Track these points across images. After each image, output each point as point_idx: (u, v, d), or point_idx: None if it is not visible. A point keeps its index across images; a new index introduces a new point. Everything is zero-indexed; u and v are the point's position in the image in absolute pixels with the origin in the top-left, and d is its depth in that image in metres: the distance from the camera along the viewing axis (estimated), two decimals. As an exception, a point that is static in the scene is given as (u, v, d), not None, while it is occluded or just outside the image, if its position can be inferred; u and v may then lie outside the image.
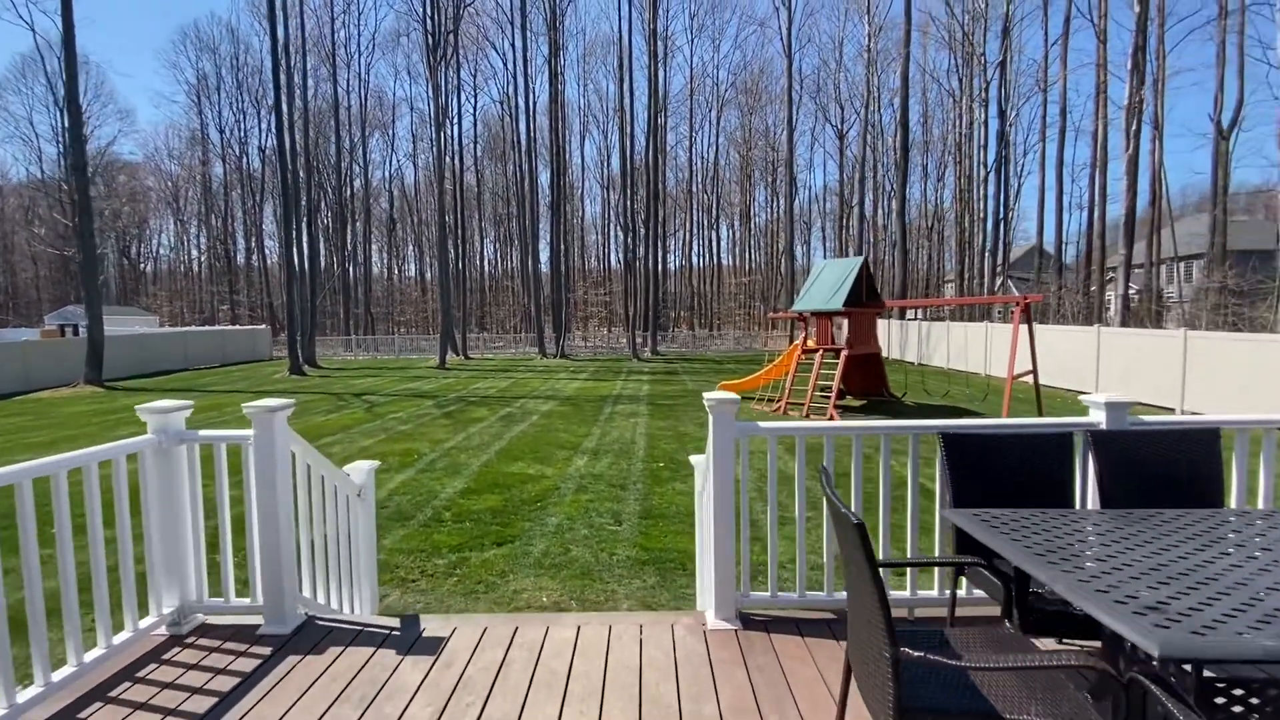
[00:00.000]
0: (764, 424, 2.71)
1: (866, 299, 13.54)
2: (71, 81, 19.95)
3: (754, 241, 52.72)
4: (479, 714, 2.18)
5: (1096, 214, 32.30)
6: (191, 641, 2.73)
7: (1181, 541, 1.78)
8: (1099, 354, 15.57)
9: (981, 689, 1.56)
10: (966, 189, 33.46)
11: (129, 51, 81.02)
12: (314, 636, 2.75)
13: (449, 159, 35.75)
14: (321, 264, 48.96)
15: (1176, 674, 1.48)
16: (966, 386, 16.00)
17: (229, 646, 2.67)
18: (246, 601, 2.84)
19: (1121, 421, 2.71)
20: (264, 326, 35.08)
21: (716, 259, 50.81)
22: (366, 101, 43.34)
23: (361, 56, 42.84)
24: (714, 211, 50.11)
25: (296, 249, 25.90)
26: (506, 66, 38.11)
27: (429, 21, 27.23)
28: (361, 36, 48.34)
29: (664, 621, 2.80)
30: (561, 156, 32.72)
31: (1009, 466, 2.56)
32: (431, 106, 30.48)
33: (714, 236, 50.98)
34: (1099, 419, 2.74)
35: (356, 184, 44.99)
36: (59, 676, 2.25)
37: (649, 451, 9.50)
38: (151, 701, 2.28)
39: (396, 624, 2.88)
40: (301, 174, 29.52)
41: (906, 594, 2.80)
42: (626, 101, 32.72)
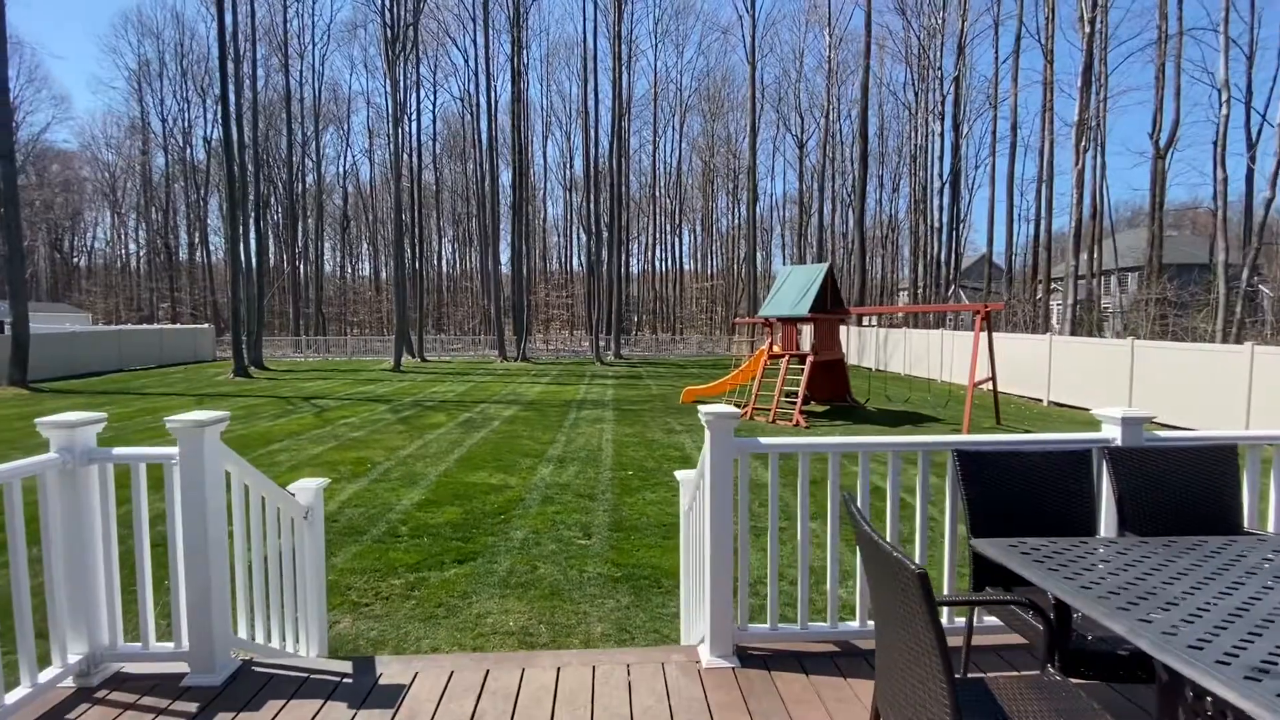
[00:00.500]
0: (765, 439, 2.47)
1: (831, 306, 13.58)
2: (0, 64, 18.47)
3: (715, 246, 53.08)
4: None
5: (1043, 227, 33.57)
6: (103, 696, 2.32)
7: (1246, 576, 1.61)
8: (1051, 361, 16.01)
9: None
10: (922, 200, 34.35)
11: (66, 34, 76.41)
12: (250, 687, 2.38)
13: (407, 156, 34.75)
14: (270, 261, 47.00)
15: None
16: (928, 393, 16.25)
17: (147, 701, 2.28)
18: (170, 646, 2.44)
19: (1137, 437, 2.58)
20: (207, 326, 33.34)
21: (679, 263, 50.96)
22: (320, 94, 41.88)
23: (316, 48, 41.39)
24: (677, 216, 50.22)
25: (243, 245, 24.68)
26: (468, 63, 37.38)
27: (387, 14, 26.39)
28: (316, 27, 46.86)
29: (653, 660, 2.53)
30: (524, 157, 32.18)
31: (1027, 485, 2.39)
32: (389, 102, 29.56)
33: (676, 241, 51.11)
34: (1114, 435, 2.60)
35: (309, 179, 43.35)
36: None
37: (616, 459, 9.21)
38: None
39: (348, 669, 2.52)
40: (250, 167, 28.18)
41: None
42: (590, 104, 32.46)
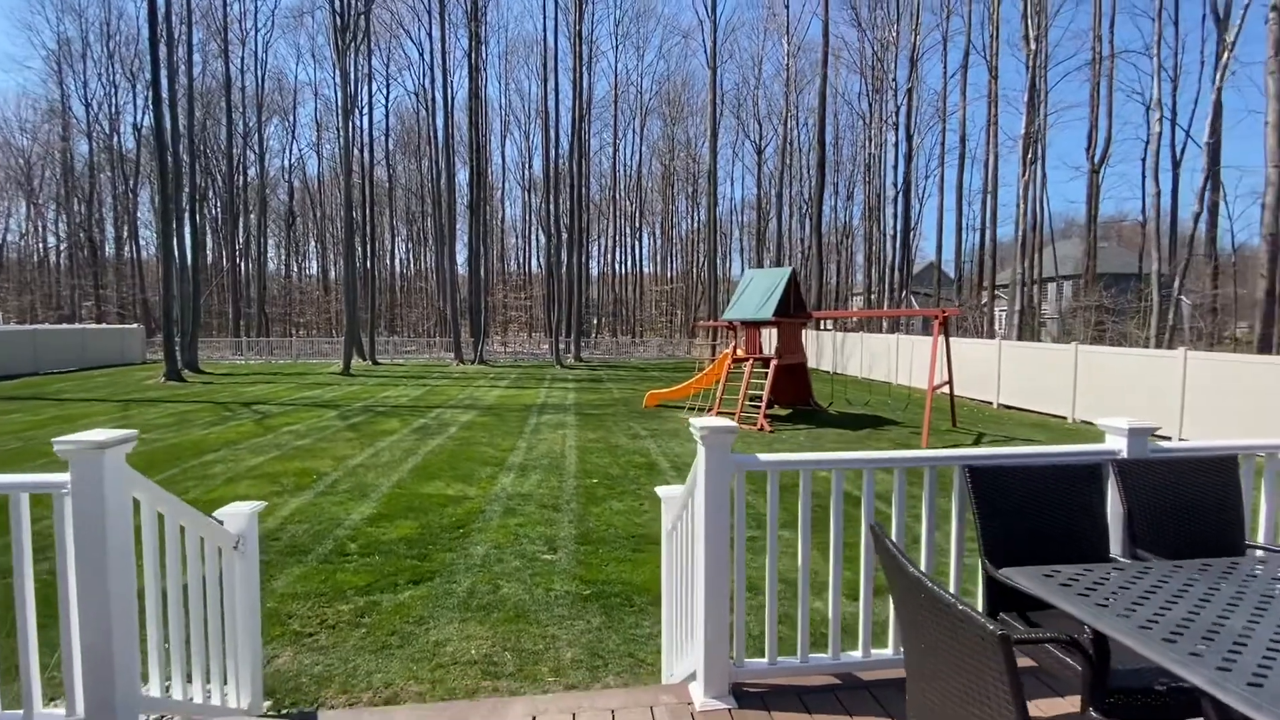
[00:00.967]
0: (764, 456, 2.24)
1: (794, 310, 13.59)
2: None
3: (675, 250, 53.20)
4: None
5: (988, 236, 34.83)
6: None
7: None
8: (1000, 365, 16.44)
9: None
10: (876, 207, 35.17)
11: (-25, 10, 70.83)
12: (162, 756, 2.00)
13: (357, 151, 33.51)
14: (208, 258, 44.67)
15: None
16: (888, 397, 16.48)
17: (30, 780, 1.88)
18: (60, 713, 2.04)
19: (1143, 449, 2.46)
20: (136, 326, 31.34)
21: (639, 266, 50.84)
22: (264, 83, 40.01)
23: (259, 34, 39.50)
24: (637, 219, 50.12)
25: (177, 240, 23.24)
26: (423, 57, 36.31)
27: (337, 1, 25.35)
28: (259, 12, 44.76)
29: (641, 702, 2.26)
30: (481, 155, 31.45)
31: (1040, 501, 2.23)
32: (339, 94, 28.41)
33: (637, 244, 50.98)
34: (1119, 446, 2.47)
35: (251, 173, 41.42)
36: None
37: (580, 466, 8.90)
38: None
39: (285, 726, 2.17)
40: (185, 158, 26.62)
41: (889, 651, 2.40)
42: (550, 103, 31.99)
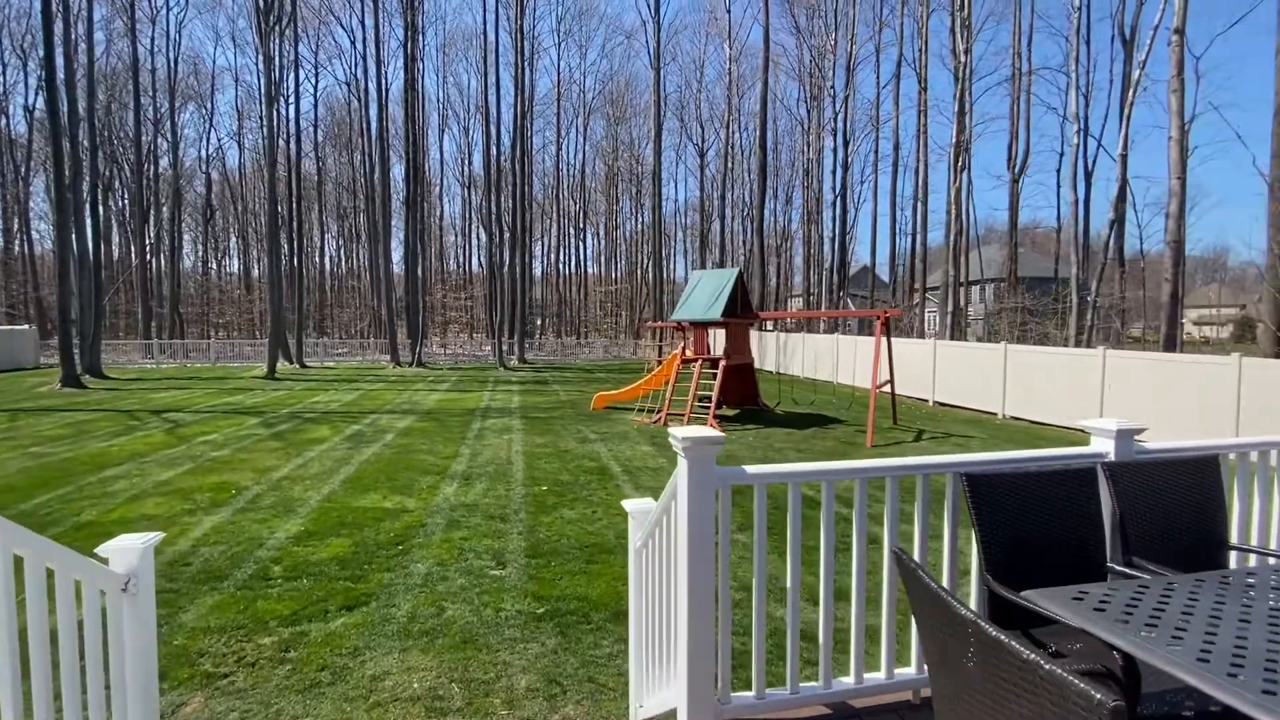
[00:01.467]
0: (750, 468, 2.01)
1: (741, 310, 13.60)
2: None
3: (619, 250, 53.02)
4: None
5: (918, 240, 36.34)
6: None
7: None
8: (935, 364, 17.02)
9: None
10: (815, 211, 36.05)
11: None
12: None
13: (284, 142, 31.73)
14: (115, 254, 41.34)
15: None
16: (831, 396, 16.76)
17: None
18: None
19: (1130, 450, 2.38)
20: (28, 327, 28.55)
21: (583, 266, 50.37)
22: (177, 66, 37.35)
23: (171, 13, 36.85)
24: (580, 219, 49.63)
25: (76, 233, 21.24)
26: (355, 45, 34.72)
27: (260, -18, 23.81)
28: (173, -9, 41.68)
29: (615, 751, 2.00)
30: (418, 149, 30.30)
31: (1039, 509, 2.11)
32: (262, 80, 26.78)
33: (580, 244, 50.50)
34: (1106, 449, 2.38)
35: (164, 162, 38.55)
36: None
37: (528, 473, 8.52)
38: None
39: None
40: (85, 143, 24.41)
41: (882, 676, 2.23)
42: (491, 98, 31.17)
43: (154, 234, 38.69)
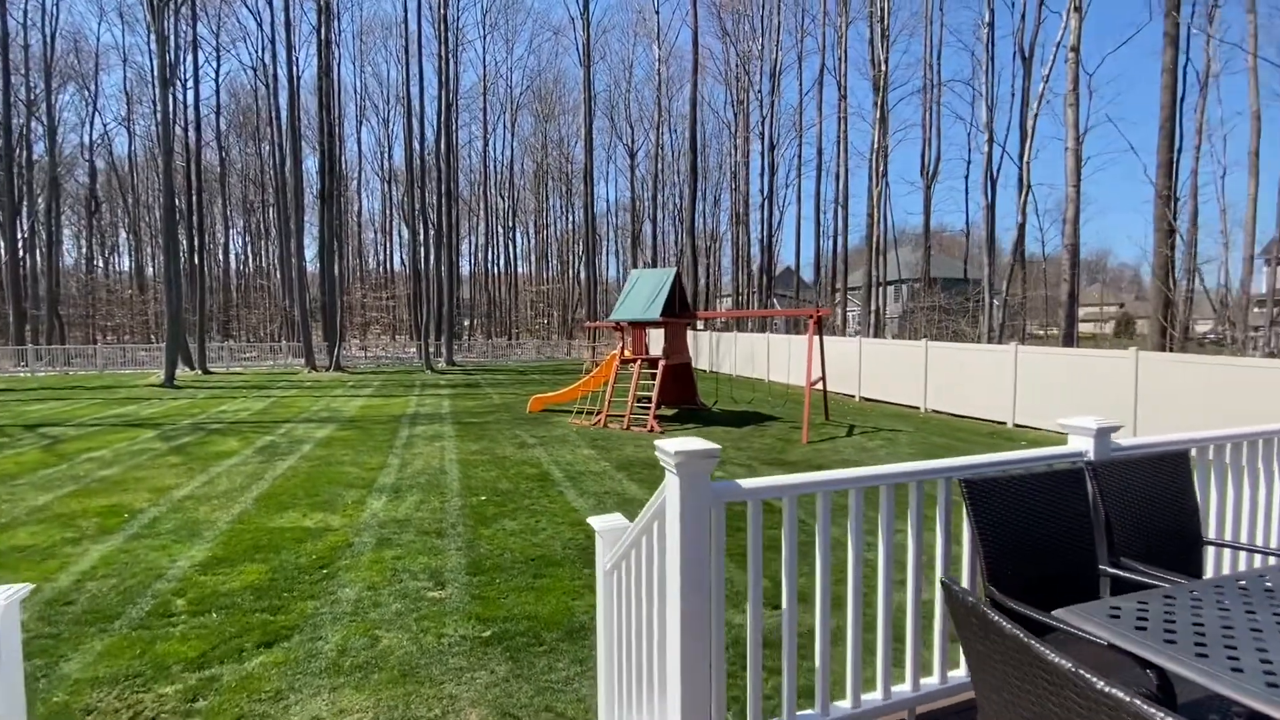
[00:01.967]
0: (745, 482, 1.83)
1: (679, 310, 13.56)
2: None
3: (551, 250, 52.25)
4: None
5: (839, 243, 37.79)
6: None
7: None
8: (861, 361, 17.63)
9: None
10: (743, 213, 36.77)
11: None
12: None
13: (181, 129, 29.22)
14: (-22, 249, 36.85)
15: None
16: (766, 394, 17.03)
17: None
18: None
19: (1107, 449, 2.36)
20: None
21: (513, 266, 49.26)
22: (54, 42, 33.65)
23: (46, -15, 33.17)
24: (509, 217, 48.52)
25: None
26: (261, 28, 32.40)
27: (150, -47, 21.74)
28: (47, -40, 37.54)
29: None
30: (333, 141, 28.62)
31: (1038, 514, 2.04)
32: (155, 61, 24.43)
33: (510, 243, 49.37)
34: (1085, 447, 2.36)
35: (38, 149, 34.67)
36: None
37: (464, 482, 8.07)
38: None
39: None
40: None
41: (879, 696, 2.12)
42: (414, 90, 29.88)
43: (27, 228, 34.74)
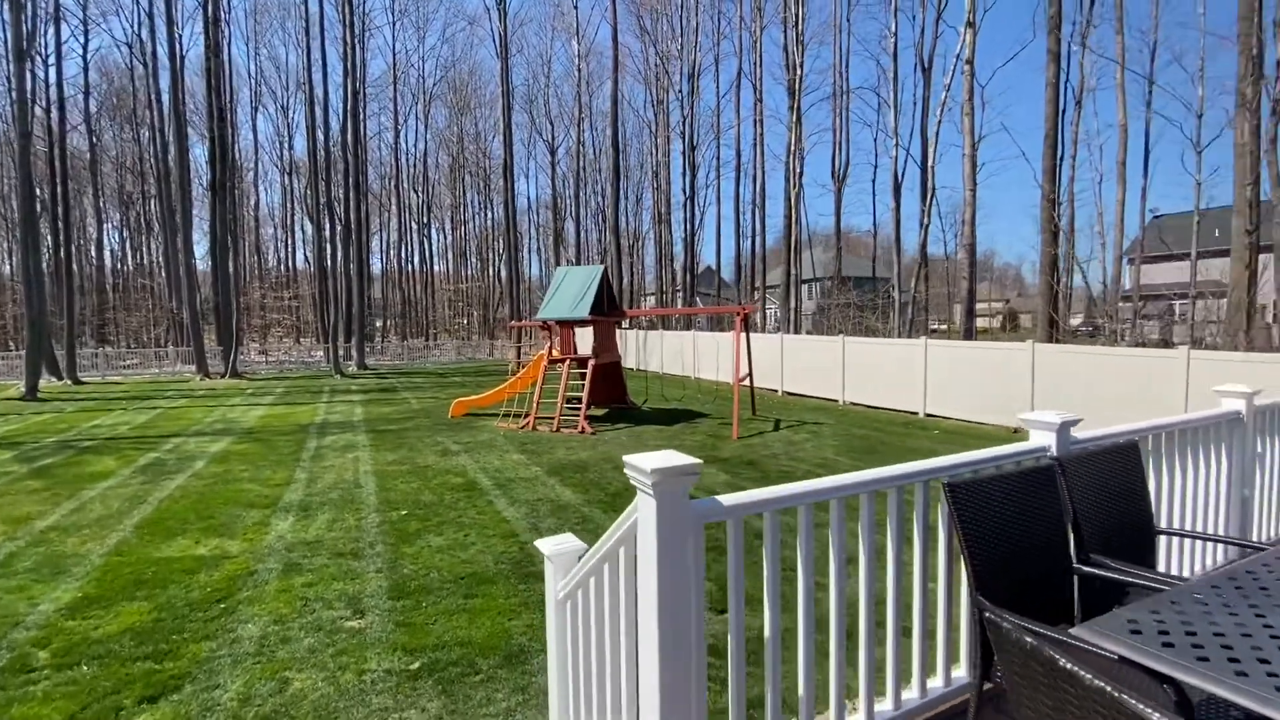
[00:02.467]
0: (725, 500, 1.62)
1: (608, 308, 13.34)
2: None
3: (470, 247, 50.59)
4: None
5: (758, 242, 38.83)
6: None
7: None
8: (783, 356, 18.08)
9: None
10: (665, 212, 37.02)
11: None
12: None
13: (42, 110, 26.00)
14: None
15: None
16: (695, 391, 17.11)
17: None
18: None
19: (1068, 443, 2.35)
20: None
21: (429, 263, 47.25)
22: (-127, 5, 28.96)
23: None
24: (424, 213, 46.52)
25: None
26: (138, 1, 29.34)
27: (-4, -93, 19.11)
28: None
29: None
30: (224, 127, 26.32)
31: (1019, 515, 1.97)
32: (7, 33, 21.55)
33: (425, 240, 47.33)
34: (1048, 442, 2.33)
35: None
36: None
37: (382, 496, 7.50)
38: None
39: None
40: None
41: (916, 695, 2.00)
42: (316, 76, 27.98)
43: None
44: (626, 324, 28.36)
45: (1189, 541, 2.80)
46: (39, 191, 24.80)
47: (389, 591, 4.86)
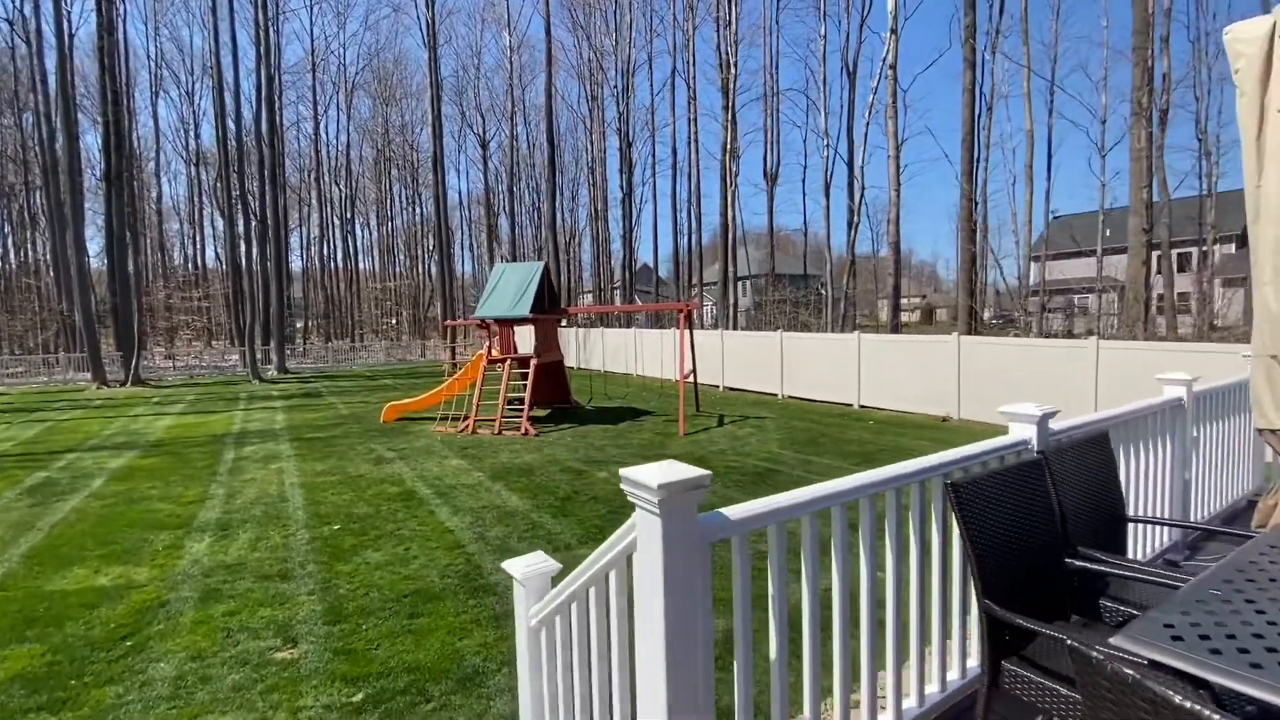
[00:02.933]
0: (732, 513, 1.46)
1: (549, 305, 13.02)
2: None
3: (398, 244, 48.61)
4: None
5: (693, 240, 39.21)
6: None
7: None
8: (724, 352, 18.26)
9: None
10: (602, 208, 36.77)
11: None
12: None
13: (-107, 87, 22.96)
14: None
15: None
16: (638, 389, 17.00)
17: None
18: None
19: (1048, 435, 2.33)
20: None
21: (353, 261, 45.02)
22: None
23: None
24: (347, 207, 44.32)
25: None
26: (12, -29, 26.41)
27: None
28: None
29: None
30: (120, 113, 24.09)
31: (1018, 511, 1.92)
32: None
33: (349, 236, 45.08)
34: (1028, 435, 2.31)
35: None
36: None
37: (311, 510, 6.96)
38: None
39: None
40: None
41: (934, 689, 1.90)
42: (225, 60, 26.03)
43: None
44: (565, 322, 27.95)
45: (1140, 526, 2.87)
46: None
47: (324, 615, 4.47)
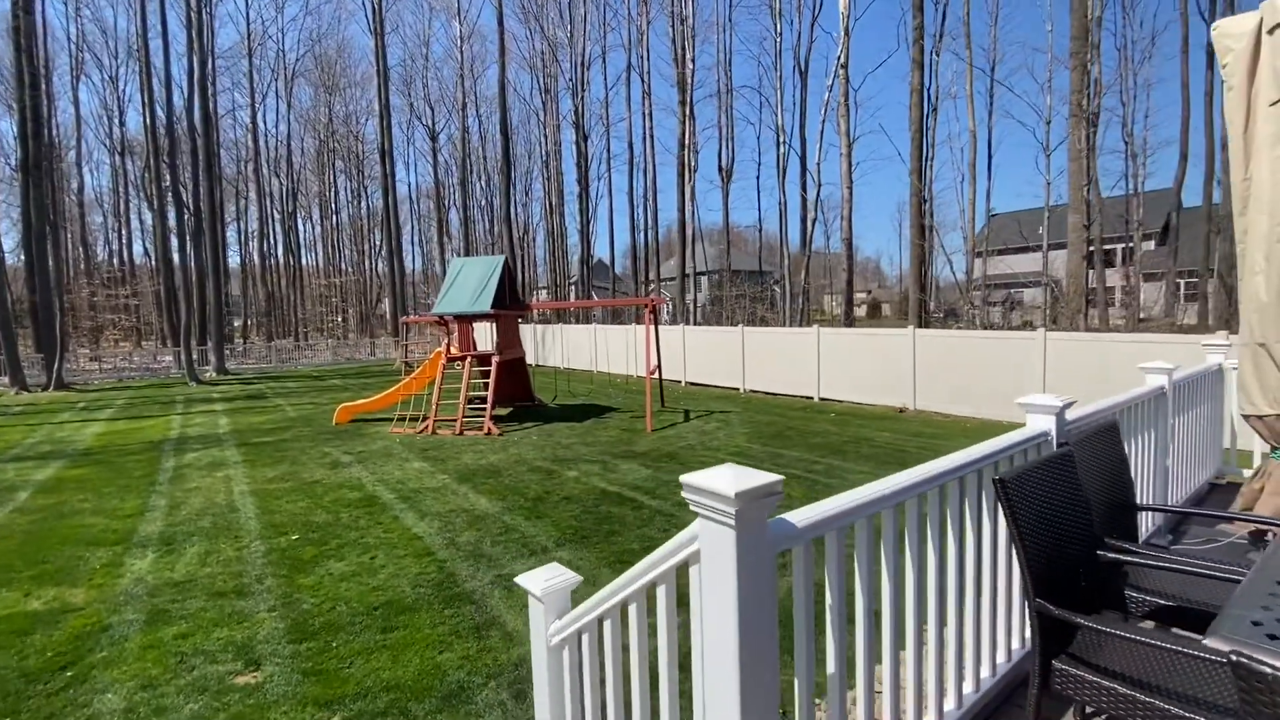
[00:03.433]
0: (796, 519, 1.34)
1: (510, 301, 12.69)
2: None
3: (344, 238, 46.80)
4: None
5: (650, 235, 39.19)
6: None
7: None
8: (685, 347, 18.27)
9: None
10: (558, 203, 36.30)
11: None
12: None
13: None
14: None
15: None
16: (602, 385, 16.81)
17: None
18: None
19: (1065, 426, 2.31)
20: None
21: (296, 256, 43.09)
22: None
23: None
24: (289, 201, 42.37)
25: None
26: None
27: None
28: None
29: None
30: (38, 98, 22.27)
31: (1057, 504, 1.87)
32: None
33: (291, 230, 43.12)
34: (1047, 426, 2.28)
35: None
36: None
37: (265, 519, 6.54)
38: None
39: None
40: None
41: (970, 689, 1.83)
42: (154, 43, 24.42)
43: None
44: (523, 319, 27.45)
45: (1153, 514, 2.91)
46: None
47: (288, 633, 4.16)
